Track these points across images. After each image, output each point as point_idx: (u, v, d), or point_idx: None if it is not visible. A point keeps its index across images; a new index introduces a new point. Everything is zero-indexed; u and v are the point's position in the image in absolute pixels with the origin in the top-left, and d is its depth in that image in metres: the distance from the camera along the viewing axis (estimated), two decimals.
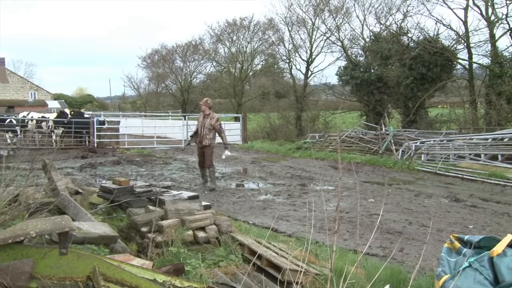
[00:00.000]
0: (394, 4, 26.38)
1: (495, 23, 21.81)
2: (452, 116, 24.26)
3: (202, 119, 10.41)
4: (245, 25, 37.85)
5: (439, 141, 16.31)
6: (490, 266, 3.22)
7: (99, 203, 5.74)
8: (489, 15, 21.84)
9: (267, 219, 7.57)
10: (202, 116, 10.44)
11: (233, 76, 38.63)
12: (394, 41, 24.69)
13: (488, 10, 21.79)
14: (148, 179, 11.02)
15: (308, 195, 9.75)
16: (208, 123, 10.29)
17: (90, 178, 11.45)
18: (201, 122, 10.40)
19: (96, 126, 19.36)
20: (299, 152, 18.27)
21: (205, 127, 10.30)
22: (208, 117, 10.33)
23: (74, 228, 3.01)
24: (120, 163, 14.49)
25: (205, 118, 10.35)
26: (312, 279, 3.68)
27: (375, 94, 25.50)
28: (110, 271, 2.72)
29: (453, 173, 12.55)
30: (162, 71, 46.89)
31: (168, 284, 2.96)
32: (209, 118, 10.31)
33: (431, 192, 10.23)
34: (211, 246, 4.48)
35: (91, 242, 3.64)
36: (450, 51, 23.23)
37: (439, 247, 4.73)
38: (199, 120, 10.51)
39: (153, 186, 6.40)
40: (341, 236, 6.51)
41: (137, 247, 4.40)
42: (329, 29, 29.82)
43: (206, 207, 5.42)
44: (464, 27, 22.97)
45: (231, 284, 3.52)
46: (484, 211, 8.43)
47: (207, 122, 10.30)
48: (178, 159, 16.09)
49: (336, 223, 2.59)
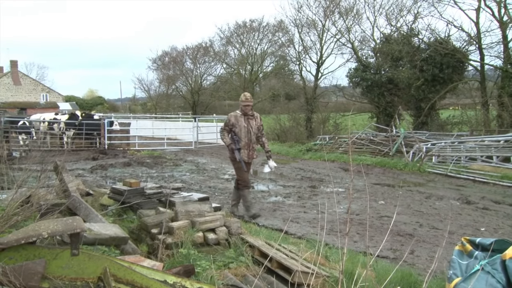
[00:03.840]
0: (404, 6, 26.32)
1: (507, 24, 21.62)
2: (463, 118, 24.07)
3: (245, 122, 7.69)
4: (254, 27, 37.93)
5: (450, 143, 16.19)
6: (502, 269, 3.19)
7: (110, 205, 5.78)
8: (501, 16, 21.66)
9: (277, 221, 7.57)
10: (243, 118, 7.70)
11: (243, 78, 38.70)
12: (404, 42, 24.56)
13: (501, 10, 21.62)
14: (159, 181, 11.06)
15: (318, 197, 9.72)
16: (255, 126, 7.79)
17: (101, 179, 11.52)
18: (244, 126, 7.66)
19: (107, 128, 19.49)
20: (309, 154, 18.25)
21: (252, 132, 7.74)
22: (253, 118, 7.80)
23: (85, 229, 3.03)
24: (130, 164, 14.56)
25: (249, 120, 7.74)
26: (322, 281, 3.67)
27: (385, 96, 25.38)
28: (120, 272, 2.73)
29: (465, 175, 12.45)
30: (172, 73, 47.07)
31: (178, 285, 2.97)
32: (254, 119, 7.81)
33: (442, 194, 10.15)
34: (221, 247, 4.49)
35: (101, 243, 3.66)
36: (461, 53, 23.06)
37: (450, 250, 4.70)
38: (239, 125, 7.67)
39: (163, 187, 6.43)
40: (351, 238, 6.49)
41: (148, 248, 4.42)
42: (339, 30, 29.75)
43: (216, 208, 5.43)
44: (476, 28, 22.80)
45: (241, 286, 3.52)
46: (496, 213, 8.35)
47: (254, 126, 7.76)
48: (189, 161, 16.14)
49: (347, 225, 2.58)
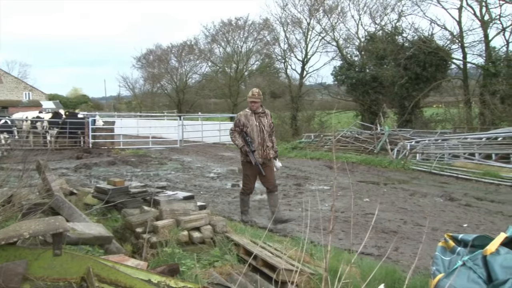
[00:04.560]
0: (388, 4, 26.56)
1: (488, 23, 21.95)
2: (446, 115, 24.39)
3: (256, 120, 7.11)
4: (240, 25, 37.90)
5: (434, 140, 16.37)
6: (483, 265, 3.23)
7: (94, 204, 5.73)
8: (482, 15, 21.98)
9: (262, 219, 7.58)
10: (254, 117, 7.12)
11: (228, 76, 38.64)
12: (389, 41, 24.78)
13: (482, 10, 21.94)
14: (143, 180, 11.00)
15: (303, 195, 9.75)
16: (267, 124, 7.23)
17: (85, 178, 11.42)
18: (256, 125, 7.09)
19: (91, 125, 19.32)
20: (295, 152, 18.29)
21: (265, 131, 7.15)
22: (264, 115, 7.24)
23: (68, 229, 3.00)
24: (115, 163, 14.46)
25: (261, 118, 7.17)
26: (307, 278, 3.68)
27: (370, 94, 25.57)
28: (104, 272, 2.71)
29: (448, 172, 12.59)
30: (157, 71, 46.81)
31: (162, 285, 2.95)
32: (266, 117, 7.25)
33: (426, 191, 10.25)
34: (206, 246, 4.47)
35: (85, 243, 3.63)
36: (444, 51, 23.35)
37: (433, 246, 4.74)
38: (250, 124, 7.09)
39: (148, 186, 6.40)
40: (336, 236, 6.52)
41: (132, 247, 4.39)
42: (324, 29, 29.94)
43: (201, 207, 5.42)
44: (458, 27, 23.13)
45: (226, 284, 3.52)
46: (478, 210, 8.46)
47: (265, 124, 7.19)
48: (174, 160, 16.07)
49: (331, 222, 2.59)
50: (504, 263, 3.15)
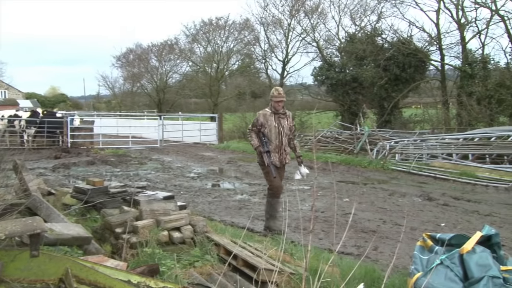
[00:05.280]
0: (368, 6, 26.81)
1: (465, 25, 22.33)
2: (425, 116, 24.74)
3: (275, 121, 6.58)
4: (220, 25, 37.77)
5: (412, 141, 16.58)
6: (460, 263, 3.29)
7: (73, 204, 5.66)
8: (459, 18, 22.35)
9: (243, 219, 7.59)
10: (274, 117, 6.59)
11: (209, 76, 38.47)
12: (368, 42, 25.01)
13: (459, 13, 22.31)
14: (123, 180, 10.90)
15: (283, 195, 9.77)
16: (287, 126, 6.68)
17: (63, 178, 11.27)
18: (275, 126, 6.56)
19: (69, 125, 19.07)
20: None
21: (284, 133, 6.63)
22: (285, 117, 6.69)
23: (46, 230, 2.96)
24: (94, 163, 14.30)
25: (280, 119, 6.63)
26: (287, 278, 3.69)
27: (350, 94, 25.77)
28: (83, 273, 2.68)
29: (426, 172, 12.76)
30: (137, 71, 46.40)
31: (142, 285, 2.93)
32: (286, 118, 6.70)
33: (405, 191, 10.38)
34: (186, 246, 4.46)
35: (64, 244, 3.58)
36: (423, 53, 23.67)
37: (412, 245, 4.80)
38: (269, 125, 6.56)
39: (128, 186, 6.34)
40: (316, 236, 6.56)
41: (112, 248, 4.35)
42: (304, 29, 30.05)
43: (182, 207, 5.39)
44: (436, 29, 23.50)
45: (206, 285, 3.51)
46: (455, 209, 8.60)
47: (285, 126, 6.65)
48: (154, 159, 15.97)
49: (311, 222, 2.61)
50: (480, 261, 3.21)
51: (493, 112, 19.57)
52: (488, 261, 3.23)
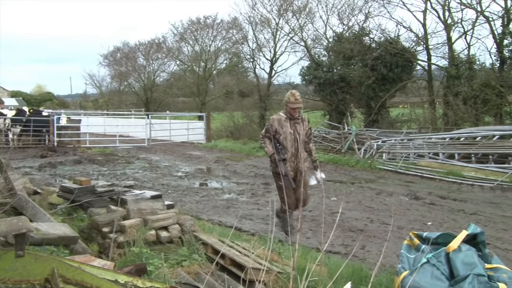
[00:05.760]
0: (356, 5, 26.92)
1: (451, 26, 22.53)
2: (412, 116, 24.91)
3: (291, 127, 6.09)
4: (208, 24, 37.66)
5: (399, 140, 16.69)
6: (446, 262, 3.32)
7: (59, 203, 5.61)
8: (446, 19, 22.55)
9: (230, 218, 7.58)
10: (289, 123, 6.11)
11: (197, 75, 38.37)
12: (356, 41, 25.10)
13: (445, 14, 22.51)
14: (110, 179, 10.83)
15: (271, 194, 9.79)
16: (303, 132, 6.20)
17: (49, 177, 11.18)
18: (290, 133, 6.07)
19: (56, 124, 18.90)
20: (263, 151, 18.26)
21: (301, 140, 6.13)
22: (301, 122, 6.19)
23: (32, 229, 2.93)
24: (81, 162, 14.20)
25: (296, 125, 6.13)
26: (275, 277, 3.70)
27: (337, 94, 25.85)
28: (69, 273, 2.66)
29: (413, 171, 12.85)
30: (124, 69, 46.10)
31: (130, 285, 2.92)
32: (302, 123, 6.20)
33: (392, 190, 10.44)
34: (174, 245, 4.44)
35: (50, 243, 3.55)
36: (410, 53, 23.82)
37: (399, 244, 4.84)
38: (284, 131, 6.08)
39: (115, 185, 6.30)
40: (303, 235, 6.57)
41: (99, 247, 4.32)
42: (292, 29, 30.09)
43: (169, 206, 5.38)
44: (423, 29, 23.67)
45: (194, 284, 3.50)
46: (441, 208, 8.67)
47: (301, 132, 6.15)
48: (141, 158, 15.89)
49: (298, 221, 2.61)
50: (465, 260, 3.25)
51: (478, 112, 19.77)
52: (473, 259, 3.26)
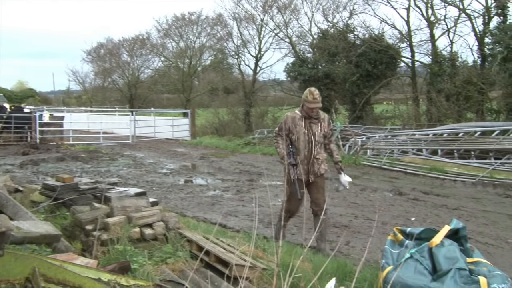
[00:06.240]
0: (340, 2, 26.96)
1: (434, 23, 22.73)
2: (396, 112, 25.11)
3: (305, 127, 5.52)
4: (193, 20, 37.44)
5: (384, 136, 16.81)
6: (429, 256, 3.36)
7: (42, 201, 5.54)
8: (429, 16, 22.74)
9: (215, 215, 7.56)
10: (304, 122, 5.54)
11: (181, 71, 38.14)
12: (341, 38, 25.20)
13: (428, 11, 22.70)
14: (94, 176, 10.75)
15: (256, 191, 9.80)
16: (320, 133, 5.59)
17: (32, 175, 11.04)
18: (304, 133, 5.52)
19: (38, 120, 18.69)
20: (248, 148, 18.33)
21: (316, 142, 5.57)
22: (318, 122, 5.57)
23: (12, 228, 2.88)
24: (64, 159, 14.05)
25: (312, 125, 5.55)
26: (259, 274, 3.70)
27: (322, 90, 25.85)
28: (51, 272, 2.62)
29: (397, 167, 12.96)
30: (108, 66, 45.63)
31: (113, 283, 2.89)
32: (320, 123, 5.59)
33: (376, 186, 10.52)
34: (158, 243, 4.42)
35: (31, 242, 3.50)
36: (394, 49, 23.98)
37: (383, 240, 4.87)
38: (297, 131, 5.53)
39: (98, 182, 6.24)
40: (288, 231, 6.58)
41: (82, 245, 4.28)
42: (277, 25, 30.07)
43: (154, 203, 5.34)
44: (407, 26, 23.83)
45: (179, 281, 3.49)
46: (425, 203, 8.76)
47: (318, 132, 5.56)
48: (125, 155, 15.79)
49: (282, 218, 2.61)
50: (447, 254, 3.29)
51: (461, 109, 19.99)
52: (455, 254, 3.30)
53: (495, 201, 9.11)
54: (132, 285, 2.98)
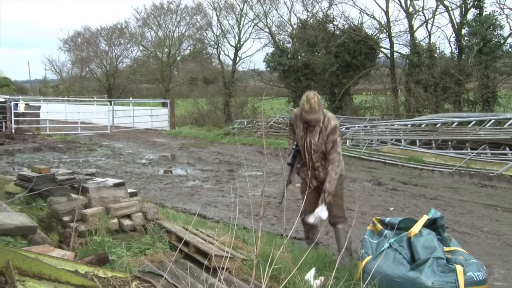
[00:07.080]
0: None
1: (413, 14, 22.93)
2: (375, 102, 25.32)
3: (302, 130, 4.66)
4: (172, 9, 37.09)
5: (363, 127, 16.92)
6: (408, 246, 3.40)
7: (17, 193, 5.45)
8: (407, 7, 22.92)
9: (195, 205, 7.53)
10: (302, 125, 4.65)
11: (160, 61, 37.81)
12: (320, 28, 25.24)
13: (407, 2, 22.86)
14: (72, 166, 10.59)
15: (236, 181, 9.78)
16: (318, 141, 4.59)
17: (7, 166, 10.82)
18: (300, 137, 4.70)
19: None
20: (227, 138, 18.28)
21: (312, 150, 4.66)
22: (318, 129, 4.55)
23: None
24: (41, 150, 13.82)
25: (308, 131, 4.62)
26: (239, 264, 3.69)
27: (302, 81, 25.99)
28: (26, 264, 2.57)
29: (376, 158, 13.07)
30: (86, 55, 44.94)
31: (90, 275, 2.85)
32: (320, 130, 4.56)
33: (356, 176, 10.59)
34: (137, 234, 4.37)
35: (6, 234, 3.44)
36: (373, 40, 24.13)
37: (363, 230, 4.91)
38: (297, 132, 4.75)
39: (76, 173, 6.15)
40: (268, 221, 6.60)
41: (59, 237, 4.21)
42: (257, 15, 29.98)
43: (132, 194, 5.28)
44: (386, 17, 23.99)
45: (158, 272, 3.46)
46: (403, 193, 8.86)
47: (314, 140, 4.60)
48: (104, 146, 15.60)
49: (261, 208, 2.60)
50: (425, 244, 3.33)
51: (438, 99, 20.28)
52: (433, 243, 3.35)
53: (471, 191, 9.25)
54: (110, 277, 2.95)
